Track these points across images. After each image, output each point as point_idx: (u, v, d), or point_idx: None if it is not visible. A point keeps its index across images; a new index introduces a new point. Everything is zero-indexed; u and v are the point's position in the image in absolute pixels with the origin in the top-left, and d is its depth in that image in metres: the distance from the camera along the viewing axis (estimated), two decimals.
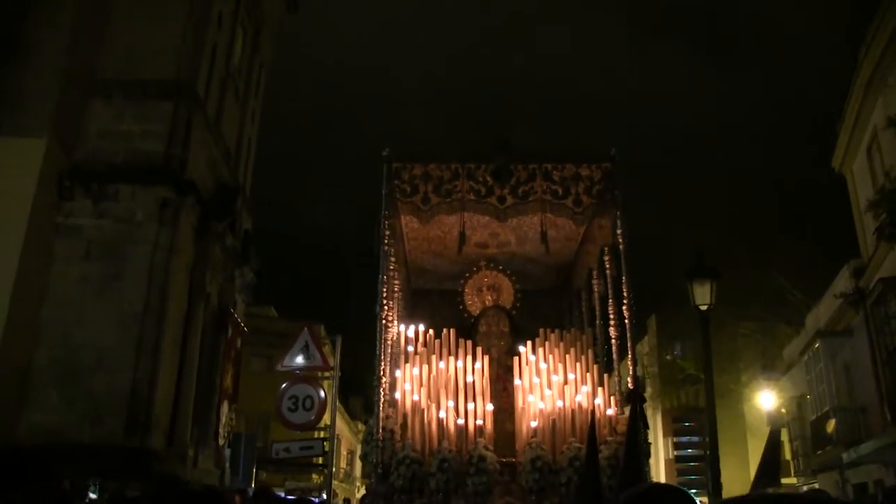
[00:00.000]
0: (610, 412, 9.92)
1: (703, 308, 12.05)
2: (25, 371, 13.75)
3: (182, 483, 13.37)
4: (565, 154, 10.68)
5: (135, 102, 15.44)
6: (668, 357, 40.58)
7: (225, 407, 17.50)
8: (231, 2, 18.50)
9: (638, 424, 8.76)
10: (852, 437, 19.25)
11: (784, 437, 31.55)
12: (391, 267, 10.14)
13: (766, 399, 30.98)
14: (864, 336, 18.21)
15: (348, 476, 40.50)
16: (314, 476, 32.95)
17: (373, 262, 9.84)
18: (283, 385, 11.34)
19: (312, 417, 11.26)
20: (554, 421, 9.49)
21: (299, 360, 12.00)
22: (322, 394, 11.84)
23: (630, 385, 9.33)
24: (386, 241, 9.84)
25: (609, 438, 9.44)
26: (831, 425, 21.48)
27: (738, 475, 33.14)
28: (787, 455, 30.46)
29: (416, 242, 11.69)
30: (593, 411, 9.00)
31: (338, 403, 12.88)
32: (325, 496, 28.43)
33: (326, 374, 12.31)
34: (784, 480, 30.36)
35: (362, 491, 30.68)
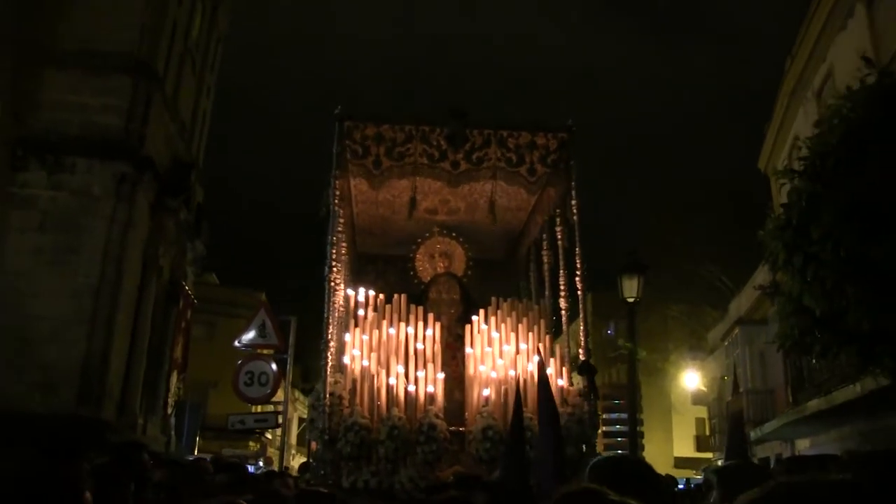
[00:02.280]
0: (561, 383, 9.77)
1: (631, 300, 12.55)
2: None
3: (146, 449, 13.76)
4: (522, 122, 10.56)
5: (93, 75, 15.50)
6: (602, 335, 41.69)
7: (174, 377, 17.92)
8: None
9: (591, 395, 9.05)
10: (762, 417, 20.54)
11: (704, 414, 33.13)
12: (339, 229, 9.95)
13: (691, 379, 32.41)
14: (777, 326, 19.31)
15: (284, 443, 40.75)
16: (251, 443, 33.39)
17: (326, 221, 9.61)
18: (240, 361, 11.79)
19: (269, 391, 11.70)
20: (506, 390, 9.29)
21: (252, 335, 12.37)
22: (275, 367, 12.27)
23: (581, 357, 9.37)
24: (336, 203, 9.66)
25: (560, 409, 8.87)
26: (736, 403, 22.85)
27: (662, 449, 34.79)
28: (707, 431, 32.07)
29: (364, 205, 11.41)
30: (517, 380, 8.73)
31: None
32: (261, 463, 29.01)
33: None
34: (703, 455, 32.00)
35: (299, 459, 31.15)
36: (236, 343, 12.03)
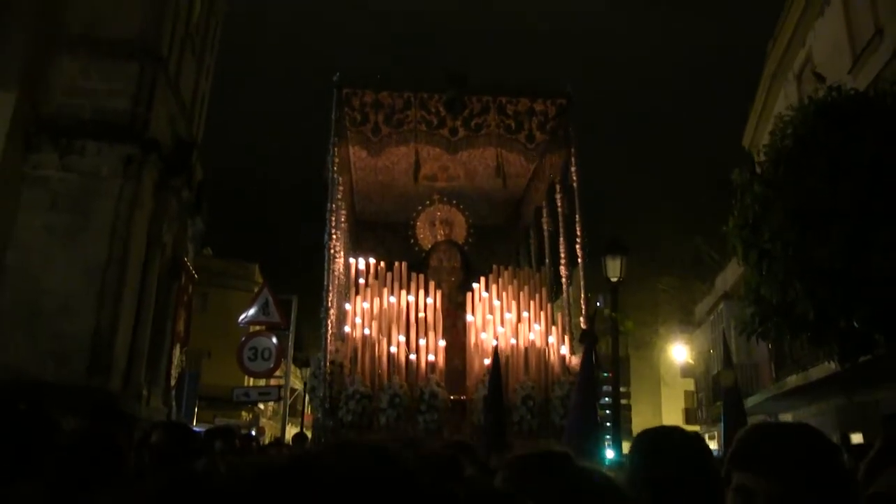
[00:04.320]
0: (563, 351, 9.71)
1: (614, 280, 13.07)
2: None
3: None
4: (520, 88, 10.42)
5: (101, 60, 16.05)
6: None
7: (177, 350, 18.67)
8: None
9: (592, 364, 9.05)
10: (747, 391, 21.33)
11: (692, 387, 33.94)
12: (338, 196, 9.93)
13: (679, 352, 33.18)
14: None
15: (276, 413, 41.41)
16: (243, 413, 34.15)
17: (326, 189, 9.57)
18: (243, 338, 12.50)
19: (271, 365, 12.41)
20: (507, 359, 9.22)
21: (254, 312, 13.06)
22: (275, 341, 12.96)
23: (583, 325, 9.18)
24: (335, 170, 9.62)
25: (562, 378, 9.30)
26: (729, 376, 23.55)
27: (651, 421, 35.49)
28: (694, 404, 32.93)
29: (363, 172, 11.38)
30: (496, 347, 8.56)
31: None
32: (253, 432, 29.76)
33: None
34: (692, 427, 32.83)
35: (291, 430, 31.96)
36: (240, 320, 12.72)
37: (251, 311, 12.87)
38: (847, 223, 6.35)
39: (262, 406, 33.73)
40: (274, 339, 12.89)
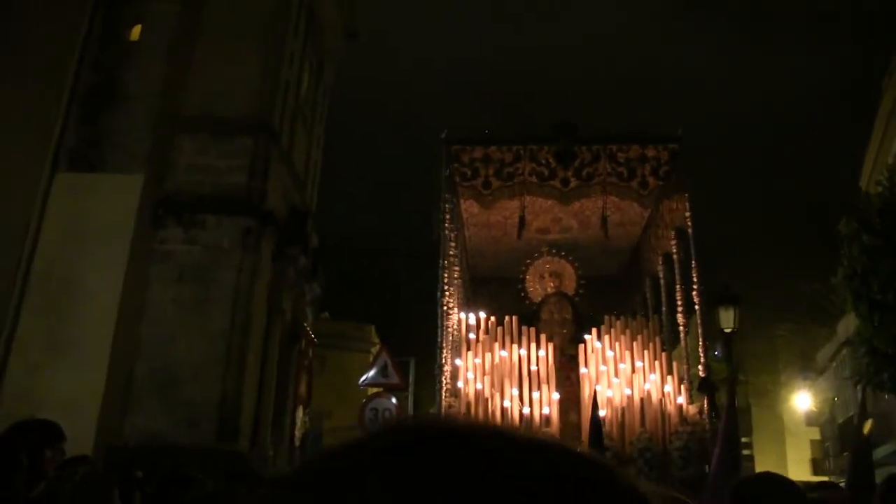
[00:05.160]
0: (680, 400, 9.49)
1: (728, 331, 12.82)
2: (128, 381, 15.45)
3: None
4: (630, 135, 10.29)
5: (218, 138, 17.04)
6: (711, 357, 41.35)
7: (300, 411, 19.25)
8: (300, 40, 20.13)
9: (733, 412, 8.35)
10: (875, 441, 20.44)
11: (818, 436, 32.62)
12: (451, 253, 9.87)
13: (803, 400, 32.02)
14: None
15: None
16: None
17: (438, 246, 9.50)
18: (364, 400, 12.90)
19: None
20: (623, 410, 9.13)
21: (374, 374, 13.41)
22: (395, 401, 13.23)
23: (701, 373, 9.14)
24: (447, 226, 9.64)
25: (679, 428, 9.15)
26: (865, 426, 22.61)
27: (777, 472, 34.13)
28: (821, 454, 31.60)
29: (475, 228, 11.43)
30: (594, 393, 8.37)
31: None
32: None
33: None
34: (820, 479, 31.43)
35: None
36: (360, 382, 13.08)
37: (371, 374, 13.22)
38: None
39: None
40: (393, 400, 13.18)
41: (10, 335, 14.81)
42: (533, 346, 9.87)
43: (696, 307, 9.41)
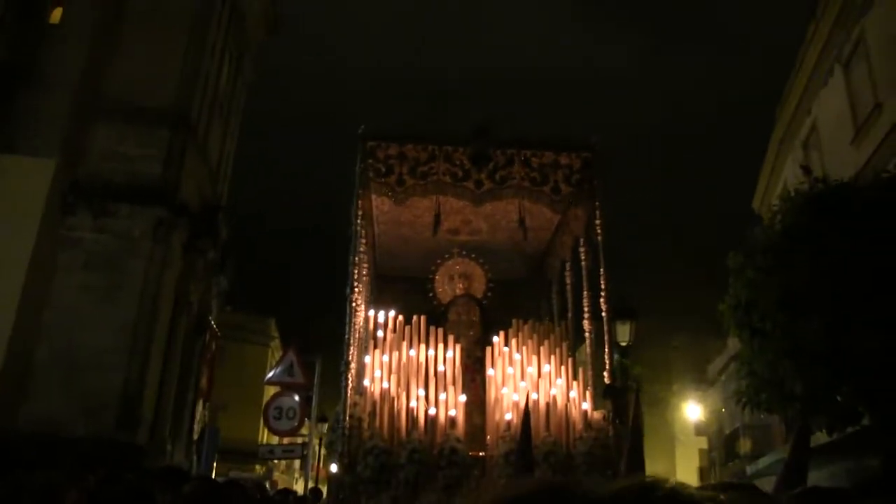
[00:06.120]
0: (585, 406, 9.52)
1: (623, 344, 13.10)
2: (28, 366, 15.24)
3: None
4: (545, 141, 10.31)
5: (135, 127, 16.96)
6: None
7: (200, 405, 19.28)
8: (221, 32, 20.10)
9: (638, 414, 8.29)
10: (757, 452, 21.55)
11: (706, 445, 34.00)
12: (361, 249, 9.90)
13: (693, 410, 33.25)
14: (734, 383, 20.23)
15: (289, 468, 41.07)
16: (257, 467, 34.37)
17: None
18: (269, 398, 13.11)
19: (296, 424, 12.97)
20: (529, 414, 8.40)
21: (279, 372, 13.59)
22: (299, 400, 13.42)
23: (607, 380, 9.15)
24: (358, 222, 9.62)
25: (584, 433, 9.17)
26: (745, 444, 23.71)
27: None
28: (706, 463, 32.98)
29: (386, 226, 11.39)
30: (527, 402, 8.34)
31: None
32: (267, 486, 29.88)
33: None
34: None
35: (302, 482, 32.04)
36: (266, 380, 13.30)
37: (276, 371, 13.41)
38: (826, 310, 6.93)
39: (275, 460, 33.93)
40: (297, 398, 13.38)
41: None
42: (441, 346, 9.95)
43: (603, 314, 9.52)
